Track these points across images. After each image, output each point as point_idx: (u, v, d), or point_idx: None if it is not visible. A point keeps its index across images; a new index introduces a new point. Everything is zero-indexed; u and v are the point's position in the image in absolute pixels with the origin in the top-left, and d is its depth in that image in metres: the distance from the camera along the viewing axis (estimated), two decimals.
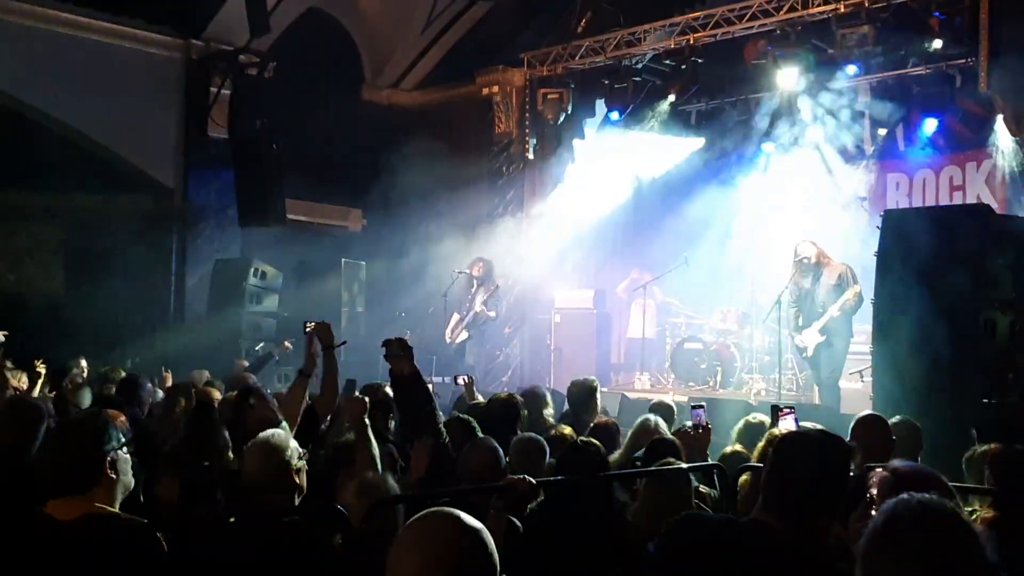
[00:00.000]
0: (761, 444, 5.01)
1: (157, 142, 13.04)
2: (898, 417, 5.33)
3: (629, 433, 5.76)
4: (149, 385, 7.24)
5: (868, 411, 5.37)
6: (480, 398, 7.57)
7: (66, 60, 12.00)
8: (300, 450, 3.61)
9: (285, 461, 3.47)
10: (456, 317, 12.77)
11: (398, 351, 4.80)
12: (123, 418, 4.47)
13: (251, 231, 13.38)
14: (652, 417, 5.79)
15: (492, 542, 1.90)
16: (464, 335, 12.58)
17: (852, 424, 4.93)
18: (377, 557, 2.79)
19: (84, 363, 8.93)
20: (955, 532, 1.92)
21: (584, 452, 4.21)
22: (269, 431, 3.66)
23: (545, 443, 4.91)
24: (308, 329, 5.81)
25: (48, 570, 2.77)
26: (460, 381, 8.34)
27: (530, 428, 5.78)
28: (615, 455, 5.34)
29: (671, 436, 5.42)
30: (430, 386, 8.64)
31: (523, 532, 4.00)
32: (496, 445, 4.51)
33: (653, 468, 4.56)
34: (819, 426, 3.64)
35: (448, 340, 12.67)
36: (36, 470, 3.14)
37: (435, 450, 4.52)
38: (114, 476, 2.98)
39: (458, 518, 1.91)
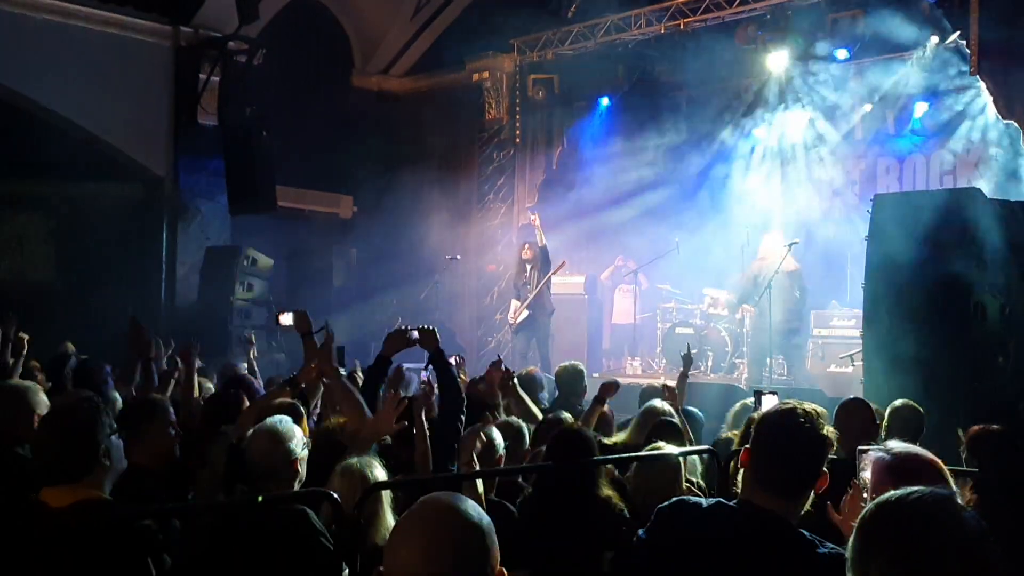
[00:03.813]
0: (742, 428, 5.03)
1: (147, 130, 12.95)
2: (900, 401, 5.35)
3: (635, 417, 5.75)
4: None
5: (851, 396, 5.38)
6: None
7: (55, 48, 11.90)
8: (304, 439, 3.60)
9: (289, 449, 3.46)
10: (515, 303, 12.67)
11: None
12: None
13: (242, 218, 13.34)
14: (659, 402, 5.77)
15: (493, 530, 1.85)
16: (525, 314, 12.43)
17: (835, 409, 4.95)
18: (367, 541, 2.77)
19: (71, 347, 8.92)
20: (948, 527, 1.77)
21: (575, 438, 4.22)
22: (277, 417, 3.65)
23: (524, 427, 4.94)
24: (282, 324, 5.69)
25: (42, 557, 2.77)
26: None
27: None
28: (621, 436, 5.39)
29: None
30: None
31: (516, 517, 4.03)
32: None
33: (644, 453, 4.59)
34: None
35: (511, 321, 12.60)
36: (31, 458, 3.14)
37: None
38: (107, 463, 2.99)
39: (458, 506, 1.84)
